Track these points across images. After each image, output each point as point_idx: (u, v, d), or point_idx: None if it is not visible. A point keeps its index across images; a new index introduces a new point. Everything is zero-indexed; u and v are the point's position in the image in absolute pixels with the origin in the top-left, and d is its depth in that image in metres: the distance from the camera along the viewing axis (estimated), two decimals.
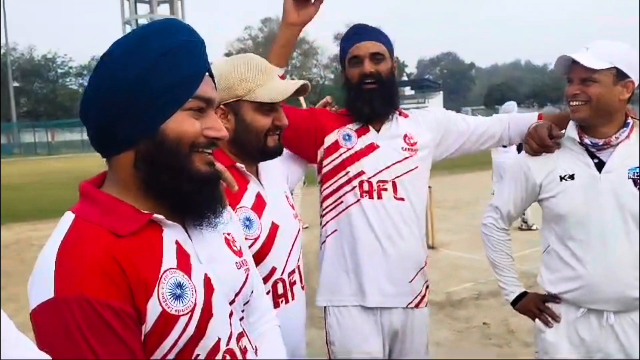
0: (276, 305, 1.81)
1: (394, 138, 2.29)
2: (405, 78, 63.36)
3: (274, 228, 1.83)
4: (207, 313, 1.13)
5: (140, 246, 1.07)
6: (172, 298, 1.07)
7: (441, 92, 58.34)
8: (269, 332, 1.46)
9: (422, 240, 2.36)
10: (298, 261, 1.95)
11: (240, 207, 1.77)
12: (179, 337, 1.07)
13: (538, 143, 2.14)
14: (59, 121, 44.81)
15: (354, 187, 2.25)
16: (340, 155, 2.27)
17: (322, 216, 2.37)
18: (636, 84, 1.97)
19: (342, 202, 2.28)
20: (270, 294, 1.82)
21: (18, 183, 17.83)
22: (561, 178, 2.05)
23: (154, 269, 1.07)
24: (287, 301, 1.87)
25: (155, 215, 1.11)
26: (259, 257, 1.75)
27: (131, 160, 1.10)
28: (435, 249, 7.37)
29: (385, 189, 2.25)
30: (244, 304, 1.33)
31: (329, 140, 2.29)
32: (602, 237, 1.97)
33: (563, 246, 2.06)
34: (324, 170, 2.31)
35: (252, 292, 1.37)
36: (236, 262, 1.29)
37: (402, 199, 2.25)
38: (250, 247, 1.72)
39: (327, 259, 2.33)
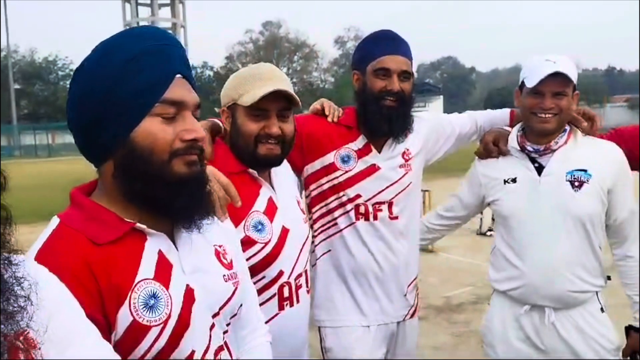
0: (281, 308, 1.84)
1: (394, 157, 2.25)
2: None
3: (285, 232, 1.84)
4: (183, 324, 1.12)
5: (117, 255, 1.09)
6: (144, 308, 1.08)
7: (441, 97, 58.33)
8: (259, 348, 1.46)
9: (416, 252, 2.37)
10: (305, 265, 1.95)
11: (253, 211, 1.78)
12: (150, 347, 1.08)
13: (483, 148, 2.30)
14: (59, 123, 44.76)
15: (349, 211, 2.21)
16: (337, 177, 2.21)
17: (313, 237, 2.29)
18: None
19: (335, 224, 2.24)
20: (276, 297, 1.83)
21: (18, 185, 17.81)
22: (505, 181, 2.20)
23: (128, 278, 1.08)
24: (292, 304, 1.86)
25: (138, 224, 1.12)
26: (268, 261, 1.78)
27: (111, 169, 1.13)
28: (435, 252, 7.38)
29: (381, 210, 2.23)
30: (231, 317, 1.31)
31: (324, 160, 2.21)
32: (543, 237, 2.10)
33: (507, 246, 2.20)
34: (316, 191, 2.25)
35: (240, 305, 1.34)
36: (224, 275, 1.27)
37: (397, 217, 2.25)
38: (260, 250, 1.76)
39: (321, 280, 2.29)
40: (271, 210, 1.83)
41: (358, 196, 2.20)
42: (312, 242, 2.31)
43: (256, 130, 1.76)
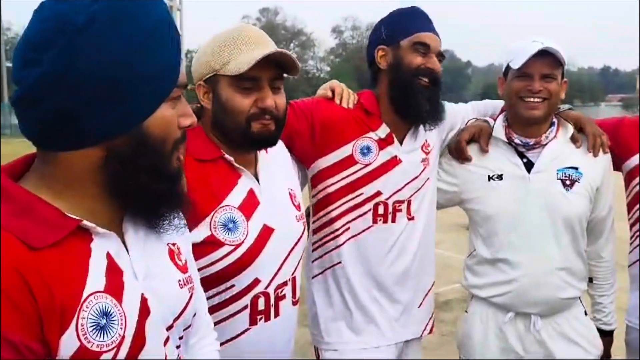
0: (253, 322, 1.56)
1: (415, 150, 2.02)
2: None
3: (267, 232, 1.55)
4: (138, 345, 0.93)
5: (59, 261, 0.86)
6: (94, 330, 0.88)
7: None
8: (207, 357, 1.28)
9: (431, 258, 2.14)
10: (294, 272, 1.65)
11: (224, 206, 1.50)
12: None
13: (455, 146, 2.09)
14: None
15: (367, 211, 1.94)
16: (355, 172, 1.93)
17: (317, 244, 2.03)
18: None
19: (349, 228, 1.96)
20: (248, 309, 1.54)
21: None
22: (490, 178, 1.99)
23: (74, 292, 0.86)
24: (267, 318, 1.57)
25: (85, 222, 0.90)
26: (240, 266, 1.50)
27: (98, 158, 0.90)
28: None
29: (400, 210, 1.98)
30: (184, 329, 1.11)
31: (341, 153, 1.93)
32: (531, 240, 1.94)
33: (490, 249, 2.01)
34: (330, 189, 1.95)
35: (194, 315, 1.16)
36: (179, 280, 1.08)
37: (413, 218, 2.01)
38: (229, 253, 1.48)
39: (325, 296, 2.02)
40: (250, 205, 1.54)
41: (378, 194, 1.94)
42: (312, 249, 2.06)
43: (248, 104, 1.47)
